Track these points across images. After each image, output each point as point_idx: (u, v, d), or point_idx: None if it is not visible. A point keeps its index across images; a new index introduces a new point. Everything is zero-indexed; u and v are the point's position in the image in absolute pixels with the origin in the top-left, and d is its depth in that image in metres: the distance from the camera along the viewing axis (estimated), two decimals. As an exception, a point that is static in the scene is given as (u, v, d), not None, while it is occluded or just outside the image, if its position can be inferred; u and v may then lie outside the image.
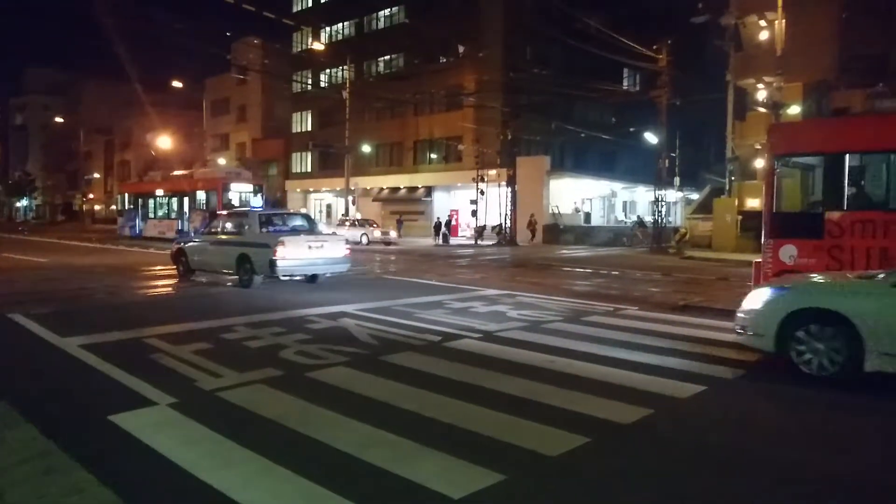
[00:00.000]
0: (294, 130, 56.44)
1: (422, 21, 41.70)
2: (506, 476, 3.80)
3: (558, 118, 39.71)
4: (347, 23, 50.63)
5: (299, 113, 55.98)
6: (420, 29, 40.54)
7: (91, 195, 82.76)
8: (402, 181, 46.61)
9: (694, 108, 31.68)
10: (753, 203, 25.05)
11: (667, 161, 31.76)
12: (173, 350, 7.01)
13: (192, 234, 19.35)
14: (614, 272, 18.16)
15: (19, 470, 3.82)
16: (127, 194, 40.28)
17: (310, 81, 52.67)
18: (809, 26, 23.90)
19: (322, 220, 44.95)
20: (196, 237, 15.76)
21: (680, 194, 43.26)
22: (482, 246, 33.61)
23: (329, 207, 54.18)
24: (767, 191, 9.76)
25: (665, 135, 31.04)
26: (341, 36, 50.48)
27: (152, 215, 35.91)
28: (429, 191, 45.20)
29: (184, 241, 15.74)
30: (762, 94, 27.23)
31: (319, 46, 43.27)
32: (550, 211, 38.36)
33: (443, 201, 44.72)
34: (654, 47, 29.55)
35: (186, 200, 32.52)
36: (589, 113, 43.40)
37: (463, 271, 18.32)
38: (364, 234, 34.07)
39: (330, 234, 15.81)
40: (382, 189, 48.17)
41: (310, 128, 54.39)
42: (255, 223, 13.53)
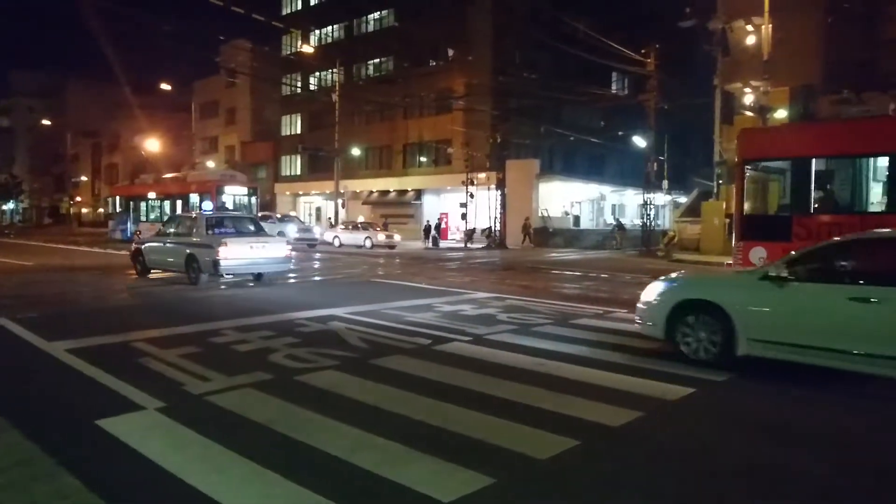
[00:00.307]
0: (283, 133, 56.35)
1: (411, 24, 41.82)
2: (496, 479, 3.80)
3: (547, 122, 39.87)
4: (337, 26, 50.65)
5: (289, 116, 55.91)
6: (409, 32, 40.65)
7: (78, 198, 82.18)
8: (392, 184, 46.63)
9: (682, 112, 31.91)
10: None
11: (655, 164, 31.99)
12: (161, 354, 6.95)
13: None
14: (603, 275, 18.22)
15: (4, 476, 3.78)
16: (118, 197, 39.77)
17: (299, 84, 52.62)
18: (795, 31, 24.10)
19: (312, 223, 44.82)
20: (153, 238, 16.57)
21: (668, 197, 43.55)
22: (472, 249, 33.62)
23: (319, 210, 54.06)
24: (737, 194, 9.90)
25: (653, 138, 31.26)
26: (331, 39, 50.47)
27: (144, 218, 35.32)
28: (418, 194, 45.24)
29: (142, 242, 16.65)
30: (749, 99, 27.41)
31: (309, 49, 43.24)
32: (540, 214, 38.47)
33: (432, 204, 44.77)
34: (643, 51, 29.76)
35: (179, 203, 31.96)
36: (578, 116, 43.61)
37: (452, 274, 18.32)
38: (367, 238, 33.07)
39: (272, 236, 16.61)
40: (372, 192, 48.17)
41: (299, 131, 54.32)
42: (203, 226, 14.56)
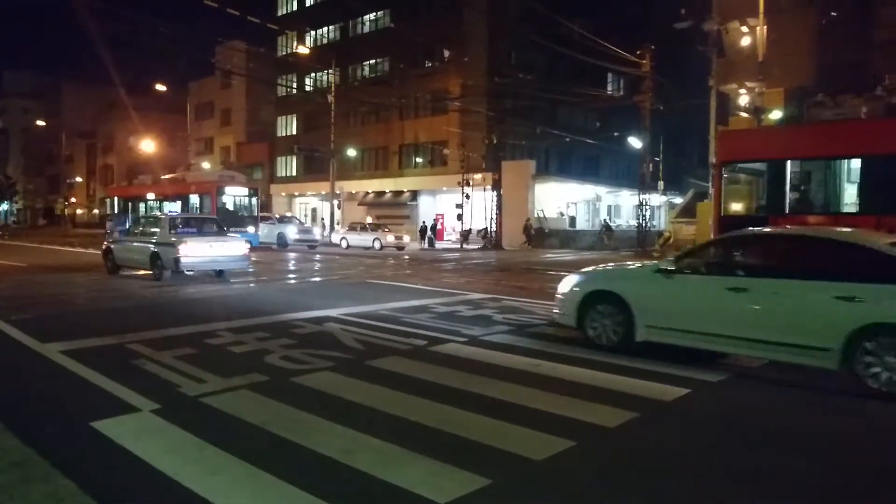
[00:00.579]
0: (279, 134, 56.24)
1: (407, 26, 41.80)
2: (491, 480, 3.80)
3: (543, 123, 39.89)
4: (332, 27, 50.56)
5: (284, 117, 55.82)
6: (405, 33, 40.62)
7: (73, 199, 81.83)
8: (388, 185, 46.58)
9: (677, 113, 31.91)
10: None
11: (651, 165, 32.00)
12: (156, 355, 6.93)
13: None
14: (599, 276, 18.21)
15: (-2, 478, 3.76)
16: (116, 198, 39.45)
17: (295, 85, 52.53)
18: (790, 33, 24.17)
19: (308, 223, 44.70)
20: (122, 238, 17.62)
21: (664, 198, 43.59)
22: (468, 250, 33.61)
23: (314, 211, 53.98)
24: (716, 196, 10.00)
25: (649, 139, 31.29)
26: (326, 40, 50.40)
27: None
28: (414, 195, 45.21)
29: (112, 241, 17.81)
30: (744, 100, 27.48)
31: (304, 50, 43.20)
32: (536, 215, 38.51)
33: (428, 205, 44.75)
34: (638, 52, 29.77)
35: (179, 205, 31.59)
36: (573, 117, 43.67)
37: (448, 275, 18.32)
38: (377, 239, 32.42)
39: (231, 236, 17.35)
40: (368, 193, 48.11)
41: (295, 132, 54.23)
42: (166, 226, 15.61)
